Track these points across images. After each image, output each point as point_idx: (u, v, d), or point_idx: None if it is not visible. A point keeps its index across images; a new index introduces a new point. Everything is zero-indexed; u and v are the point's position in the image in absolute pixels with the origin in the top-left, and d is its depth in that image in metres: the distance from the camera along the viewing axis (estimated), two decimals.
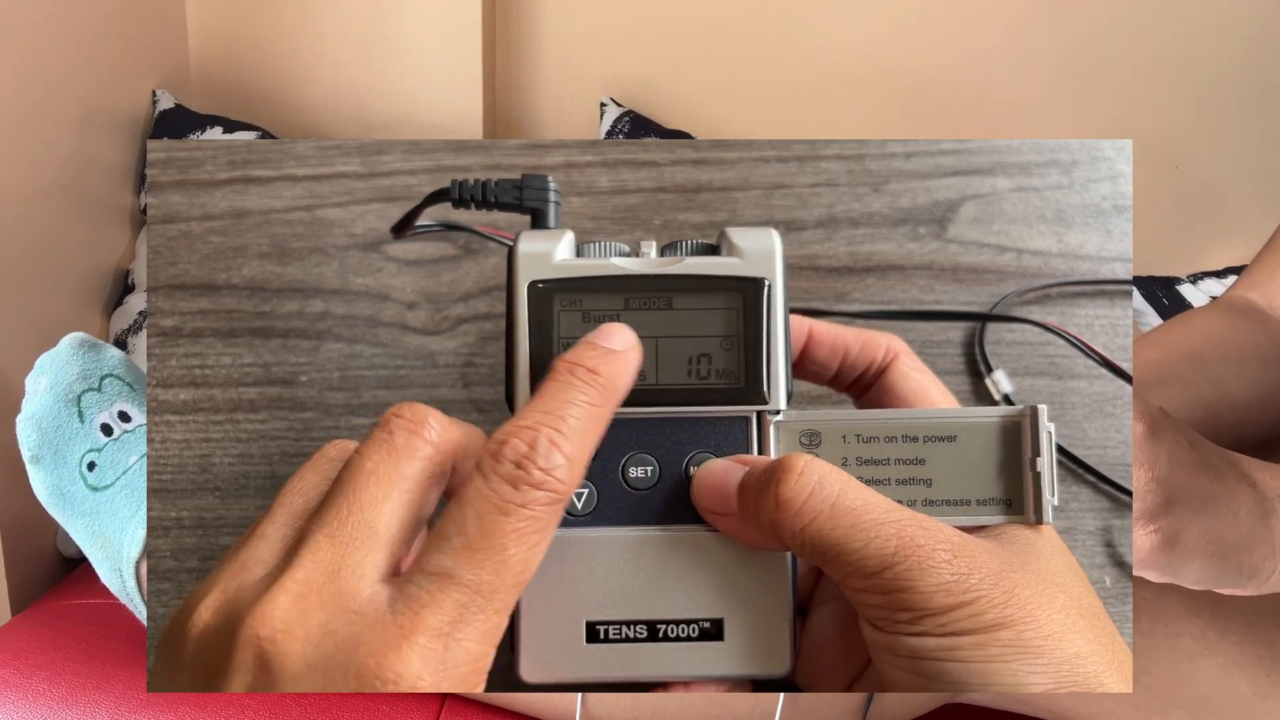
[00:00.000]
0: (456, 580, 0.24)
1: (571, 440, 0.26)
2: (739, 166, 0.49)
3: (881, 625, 0.26)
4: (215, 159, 0.49)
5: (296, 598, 0.24)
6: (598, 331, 0.28)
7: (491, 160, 0.49)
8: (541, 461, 0.25)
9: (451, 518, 0.25)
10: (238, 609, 0.24)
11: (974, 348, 0.47)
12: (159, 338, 0.46)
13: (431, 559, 0.24)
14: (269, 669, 0.23)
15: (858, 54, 1.06)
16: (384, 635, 0.23)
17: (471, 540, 0.24)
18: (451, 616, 0.24)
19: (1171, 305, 0.94)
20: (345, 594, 0.24)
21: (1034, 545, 0.28)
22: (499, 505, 0.24)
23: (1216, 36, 0.99)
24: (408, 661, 0.23)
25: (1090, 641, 0.26)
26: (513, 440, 0.25)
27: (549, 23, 1.12)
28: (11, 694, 0.65)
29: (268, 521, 0.27)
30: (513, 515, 0.24)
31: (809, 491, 0.26)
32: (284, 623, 0.23)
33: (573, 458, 0.25)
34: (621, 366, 0.28)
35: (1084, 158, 0.49)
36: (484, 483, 0.25)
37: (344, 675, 0.23)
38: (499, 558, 0.24)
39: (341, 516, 0.25)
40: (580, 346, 0.28)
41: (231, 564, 0.26)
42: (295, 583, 0.24)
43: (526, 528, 0.25)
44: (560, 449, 0.25)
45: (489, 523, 0.24)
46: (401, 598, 0.24)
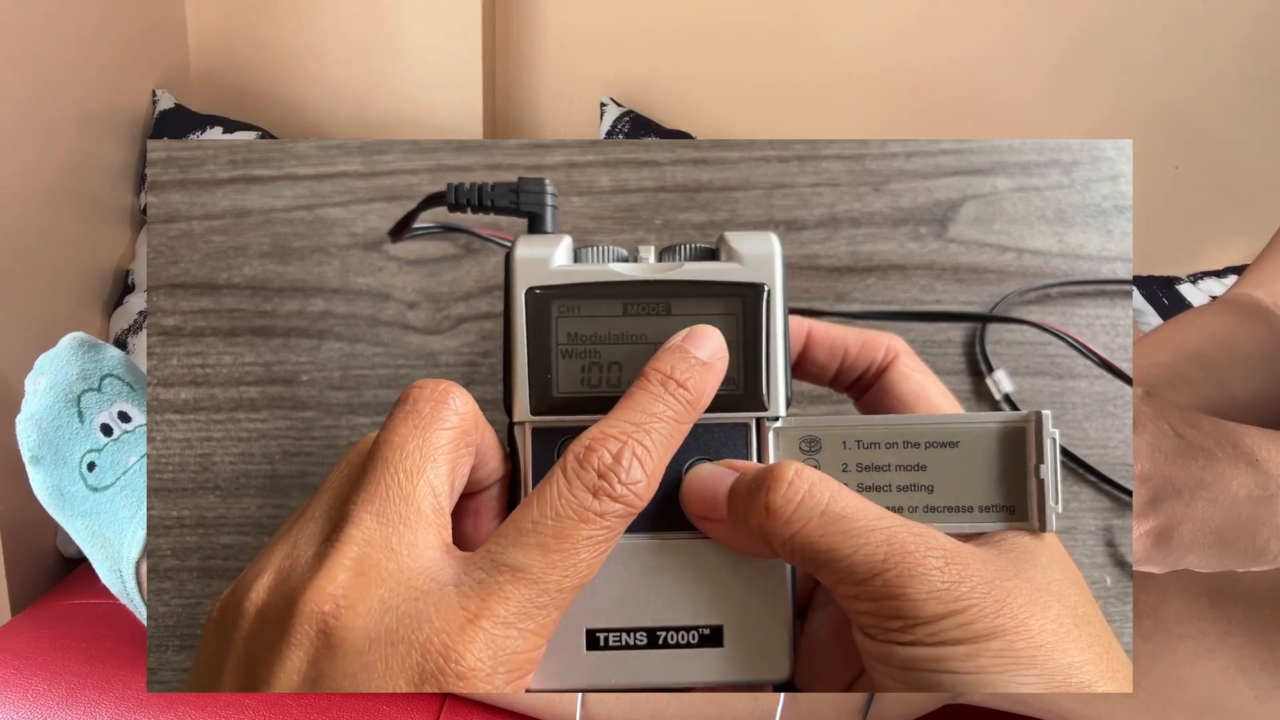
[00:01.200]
0: (529, 577, 0.24)
1: (654, 456, 0.26)
2: (740, 166, 0.49)
3: (873, 634, 0.26)
4: (216, 158, 0.49)
5: (355, 574, 0.24)
6: (690, 335, 0.28)
7: (492, 160, 0.49)
8: (624, 475, 0.25)
9: (529, 514, 0.25)
10: (295, 586, 0.24)
11: (975, 347, 0.47)
12: (160, 337, 0.46)
13: (506, 551, 0.25)
14: (331, 642, 0.23)
15: (858, 54, 1.06)
16: (450, 615, 0.24)
17: (546, 541, 0.25)
18: (518, 610, 0.24)
19: (1171, 305, 0.94)
20: (403, 570, 0.24)
21: (1032, 553, 0.27)
22: (579, 511, 0.25)
23: (1216, 36, 0.99)
24: (470, 644, 0.23)
25: (1085, 651, 0.26)
26: (600, 449, 0.26)
27: (549, 23, 1.12)
28: (11, 694, 0.65)
29: (315, 504, 0.27)
30: (590, 523, 0.25)
31: (799, 499, 0.26)
32: (346, 598, 0.24)
33: (653, 474, 0.26)
34: (711, 380, 0.28)
35: (1084, 158, 0.49)
36: (566, 485, 0.25)
37: (408, 650, 0.23)
38: (571, 561, 0.25)
39: (381, 493, 0.25)
40: (673, 353, 0.28)
41: (282, 545, 0.26)
42: (350, 559, 0.24)
43: (600, 535, 0.25)
44: (643, 465, 0.26)
45: (566, 527, 0.25)
46: (469, 582, 0.24)
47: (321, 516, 0.26)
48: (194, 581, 0.43)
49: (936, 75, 1.05)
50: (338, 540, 0.25)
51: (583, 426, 0.27)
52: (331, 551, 0.25)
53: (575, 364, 0.29)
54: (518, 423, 0.29)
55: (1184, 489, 0.34)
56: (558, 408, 0.29)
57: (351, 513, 0.25)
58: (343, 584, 0.24)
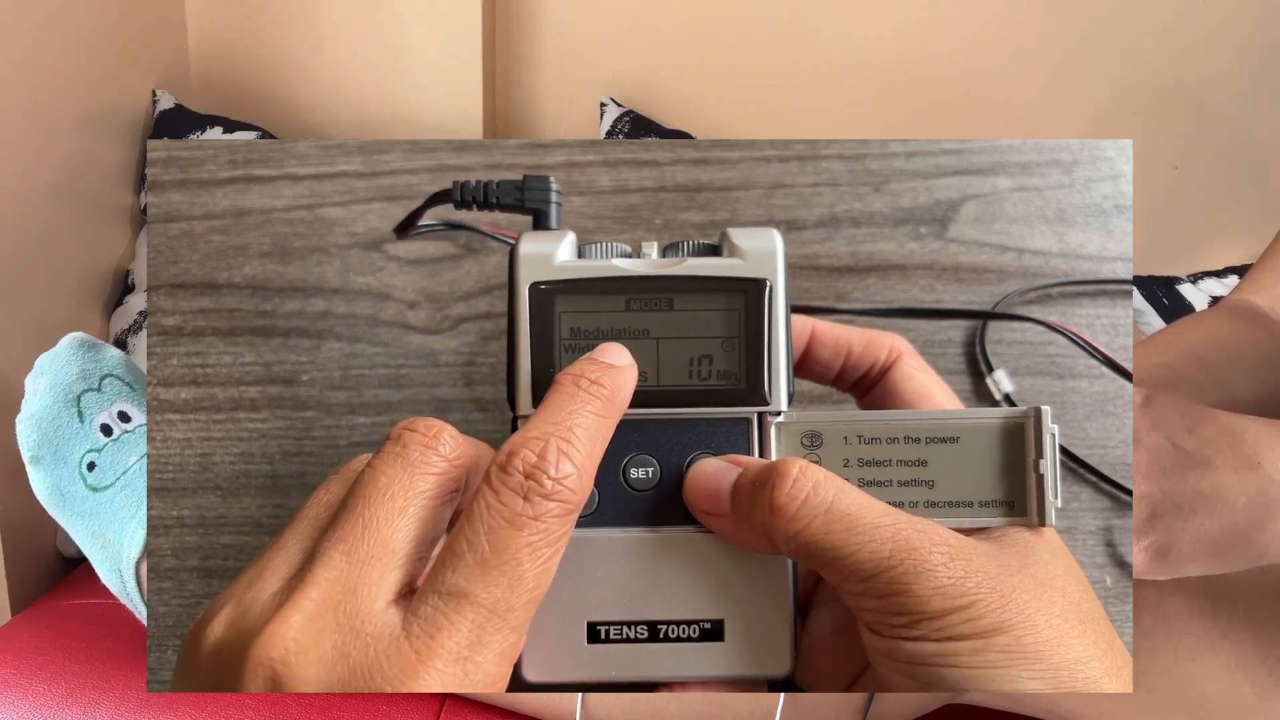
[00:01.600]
0: (471, 600, 0.23)
1: (580, 449, 0.25)
2: (740, 166, 0.49)
3: (879, 630, 0.26)
4: (216, 158, 0.49)
5: (311, 617, 0.23)
6: (596, 350, 0.28)
7: (492, 160, 0.49)
8: (552, 471, 0.24)
9: (463, 534, 0.24)
10: (250, 625, 0.24)
11: (975, 347, 0.47)
12: (160, 336, 0.46)
13: (445, 578, 0.24)
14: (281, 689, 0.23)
15: (858, 54, 1.06)
16: (400, 661, 0.23)
17: (484, 557, 0.24)
18: (468, 639, 0.23)
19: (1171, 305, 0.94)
20: (361, 615, 0.24)
21: (1034, 548, 0.28)
22: (511, 519, 0.24)
23: (1216, 37, 0.99)
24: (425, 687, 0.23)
25: (1089, 647, 0.26)
26: (522, 451, 0.25)
27: (549, 23, 1.12)
28: (11, 694, 0.65)
29: (289, 533, 0.26)
30: (525, 529, 0.24)
31: (803, 497, 0.26)
32: (297, 644, 0.23)
33: (582, 466, 0.25)
34: (623, 380, 0.28)
35: (1085, 158, 0.49)
36: (494, 496, 0.24)
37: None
38: (513, 574, 0.24)
39: (357, 534, 0.25)
40: (580, 362, 0.28)
41: (249, 573, 0.26)
42: (310, 601, 0.24)
43: (540, 541, 0.24)
44: (570, 458, 0.25)
45: (501, 537, 0.24)
46: (417, 620, 0.23)
47: (294, 547, 0.26)
48: (194, 581, 0.43)
49: (937, 75, 1.05)
50: (302, 579, 0.24)
51: None
52: (293, 592, 0.24)
53: (578, 358, 0.29)
54: (521, 416, 0.29)
55: (1182, 504, 0.34)
56: None
57: (323, 550, 0.25)
58: (296, 628, 0.23)
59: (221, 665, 0.24)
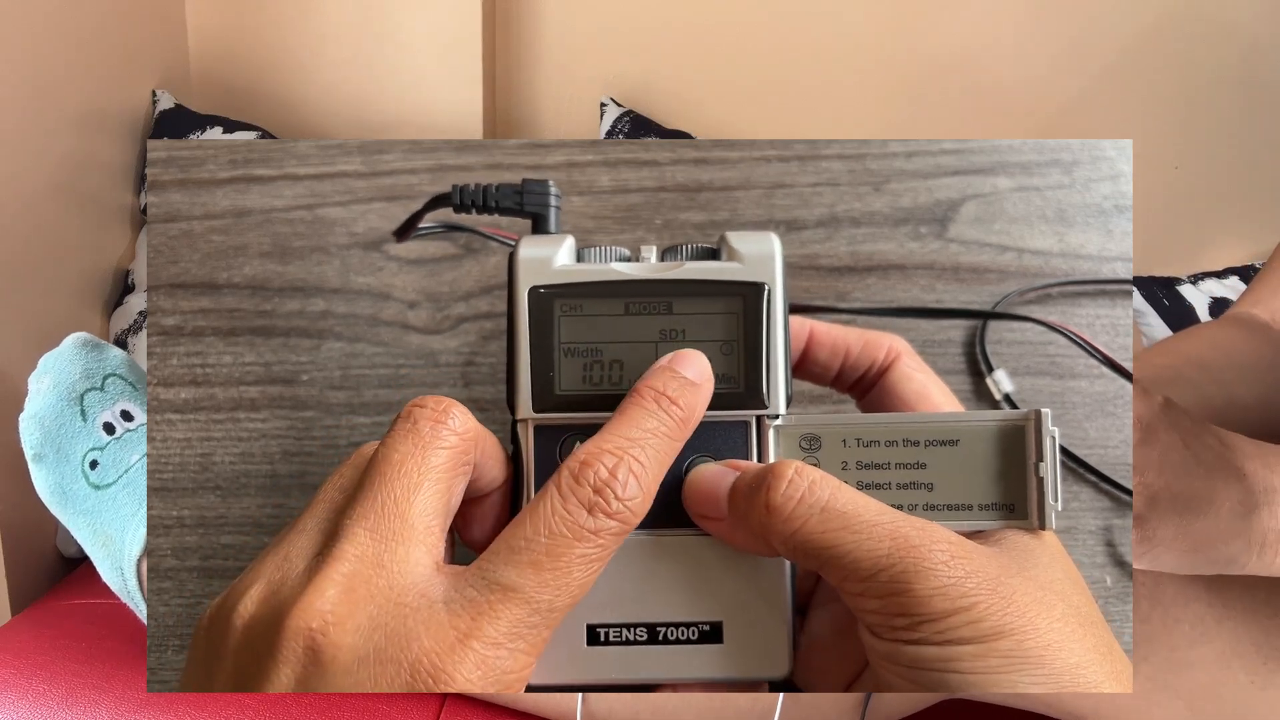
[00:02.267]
0: (519, 595, 0.24)
1: (650, 472, 0.26)
2: (740, 166, 0.49)
3: (880, 632, 0.26)
4: (216, 158, 0.49)
5: (345, 590, 0.24)
6: (676, 358, 0.28)
7: (492, 160, 0.49)
8: (620, 490, 0.25)
9: (523, 530, 0.25)
10: (284, 600, 0.24)
11: (975, 347, 0.47)
12: (160, 336, 0.46)
13: (497, 569, 0.24)
14: (319, 659, 0.23)
15: (858, 54, 1.06)
16: (440, 634, 0.23)
17: (540, 559, 0.24)
18: (508, 631, 0.24)
19: (1171, 305, 0.94)
20: (394, 587, 0.24)
21: (1033, 552, 0.27)
22: (572, 529, 0.25)
23: (1217, 37, 0.99)
24: (460, 664, 0.23)
25: (1090, 651, 0.25)
26: (596, 464, 0.25)
27: (549, 23, 1.12)
28: (11, 694, 0.65)
29: (308, 516, 0.27)
30: (584, 541, 0.25)
31: (799, 497, 0.26)
32: (335, 614, 0.23)
33: (648, 490, 0.26)
34: (700, 399, 0.28)
35: (1085, 158, 0.49)
36: (561, 502, 0.25)
37: (396, 669, 0.23)
38: (563, 580, 0.24)
39: (377, 509, 0.25)
40: (663, 373, 0.28)
41: (274, 556, 0.26)
42: (341, 575, 0.24)
43: (594, 554, 0.25)
44: (639, 480, 0.26)
45: (560, 545, 0.24)
46: (460, 600, 0.24)
47: (314, 529, 0.26)
48: (194, 581, 0.43)
49: (937, 75, 1.05)
50: (330, 555, 0.25)
51: (585, 424, 0.27)
52: (323, 566, 0.24)
53: (577, 362, 0.29)
54: (520, 420, 0.30)
55: (1179, 500, 0.35)
56: (560, 405, 0.29)
57: (346, 527, 0.25)
58: (332, 600, 0.24)
59: (255, 641, 0.24)
